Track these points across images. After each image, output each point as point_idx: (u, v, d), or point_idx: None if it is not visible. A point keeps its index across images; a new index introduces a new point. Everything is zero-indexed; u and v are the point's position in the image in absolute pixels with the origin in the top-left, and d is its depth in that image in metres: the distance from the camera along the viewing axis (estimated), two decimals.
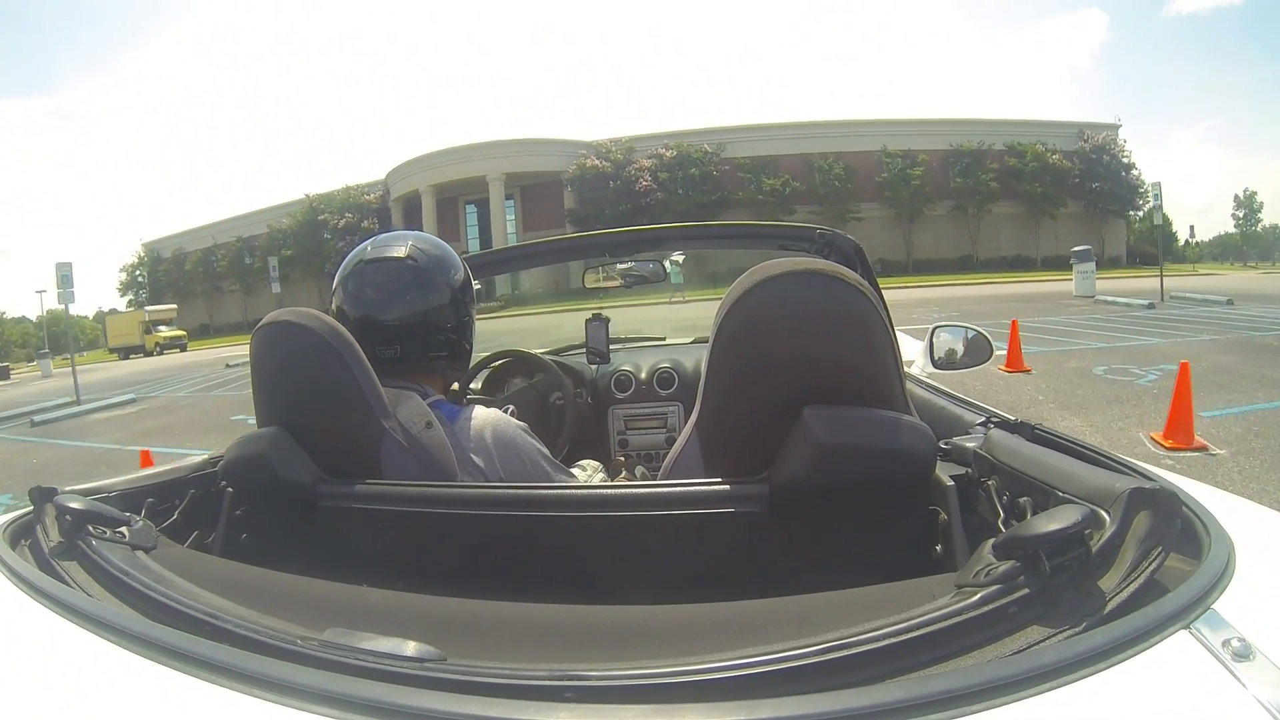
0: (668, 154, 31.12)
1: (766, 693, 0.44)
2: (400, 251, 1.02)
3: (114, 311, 41.72)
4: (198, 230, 39.68)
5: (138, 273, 41.38)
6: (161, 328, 32.91)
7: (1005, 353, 7.04)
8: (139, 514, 0.87)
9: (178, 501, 1.00)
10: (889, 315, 0.79)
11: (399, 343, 1.00)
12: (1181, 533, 0.58)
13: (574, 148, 32.70)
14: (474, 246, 31.52)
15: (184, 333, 33.26)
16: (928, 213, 31.19)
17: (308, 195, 34.95)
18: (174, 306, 37.18)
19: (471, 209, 34.30)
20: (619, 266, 1.97)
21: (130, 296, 41.30)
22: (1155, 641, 0.45)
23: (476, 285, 1.15)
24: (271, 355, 0.96)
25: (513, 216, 33.44)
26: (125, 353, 31.78)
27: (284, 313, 0.94)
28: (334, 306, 1.02)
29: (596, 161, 31.33)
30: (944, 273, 29.06)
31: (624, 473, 1.79)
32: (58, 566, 0.70)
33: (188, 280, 38.85)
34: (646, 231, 1.91)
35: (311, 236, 33.16)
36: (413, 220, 32.43)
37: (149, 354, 30.48)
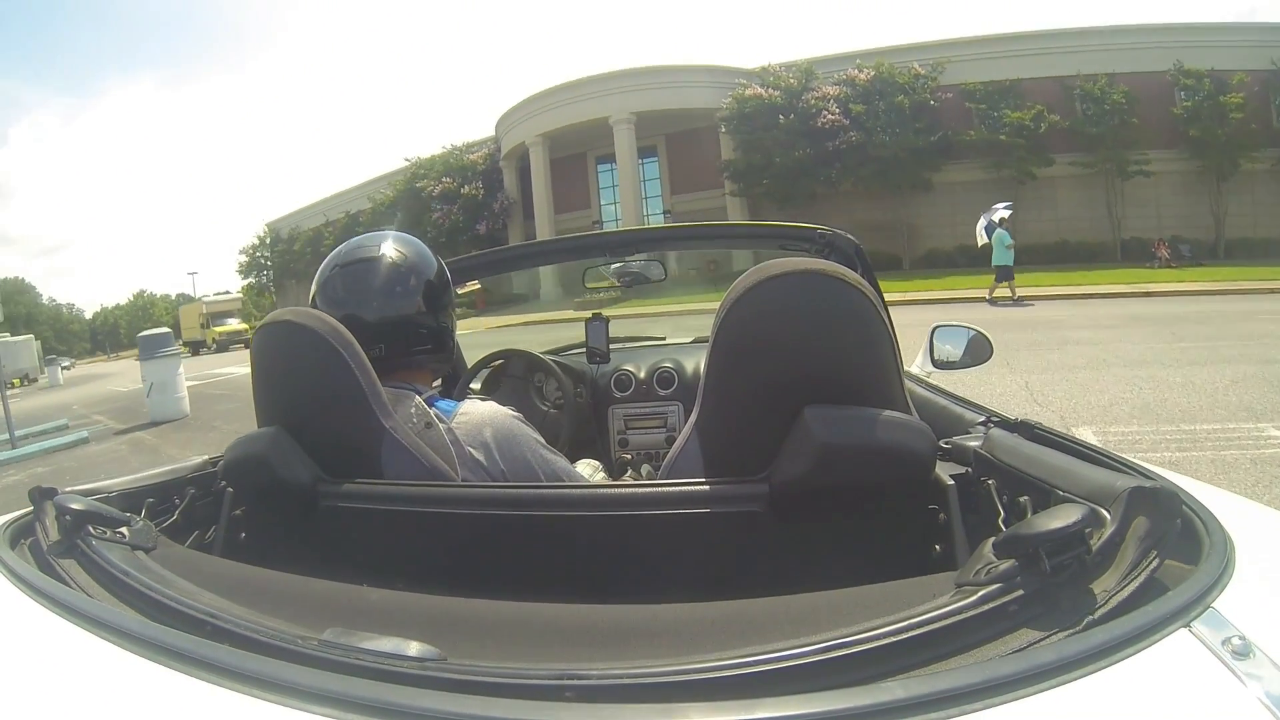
0: (861, 77, 19.69)
1: (766, 693, 0.44)
2: (373, 252, 1.04)
3: (187, 299, 39.62)
4: (312, 207, 34.80)
5: (259, 254, 37.29)
6: (230, 320, 29.77)
7: None
8: (139, 514, 0.88)
9: (178, 501, 1.01)
10: (889, 315, 0.79)
11: (382, 342, 1.00)
12: (1182, 532, 0.58)
13: (728, 76, 21.64)
14: (608, 214, 24.35)
15: (247, 327, 29.27)
16: (1247, 165, 18.09)
17: (409, 161, 27.93)
18: (239, 296, 34.70)
19: (606, 168, 24.61)
20: (614, 266, 1.96)
21: (251, 280, 37.72)
22: (1155, 640, 0.45)
23: (475, 284, 1.30)
24: (273, 355, 0.97)
25: (656, 176, 24.01)
26: (195, 347, 28.98)
27: (285, 312, 0.95)
28: None
29: (760, 90, 20.21)
30: (1273, 259, 15.52)
31: (629, 471, 1.80)
32: (57, 566, 0.71)
33: (297, 261, 33.71)
34: (646, 231, 1.99)
35: (411, 207, 26.40)
36: (526, 183, 25.01)
37: (209, 350, 28.10)
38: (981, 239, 12.27)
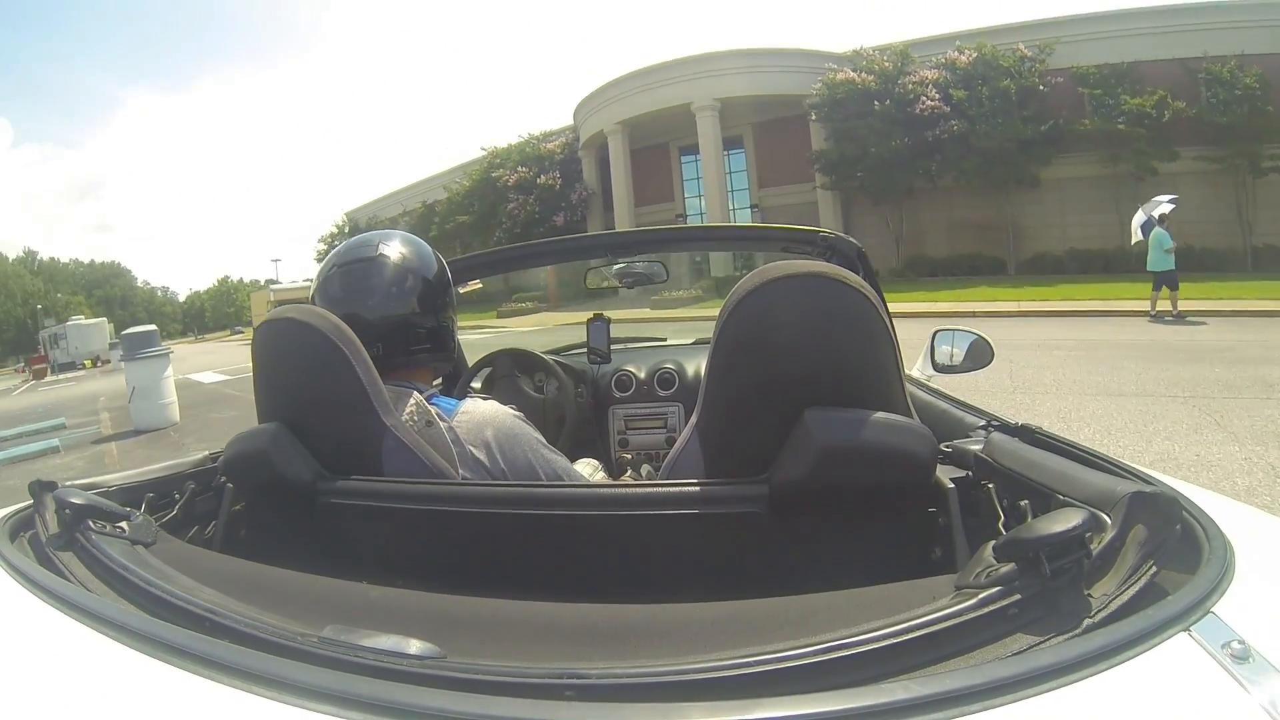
0: (962, 59, 17.85)
1: (766, 693, 0.44)
2: (373, 252, 1.04)
3: (259, 285, 39.16)
4: (390, 197, 34.28)
5: (337, 242, 35.52)
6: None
7: None
8: (139, 509, 0.87)
9: (178, 496, 1.01)
10: (890, 318, 0.79)
11: (381, 341, 1.00)
12: (1181, 537, 0.58)
13: (818, 60, 19.93)
14: (693, 207, 23.08)
15: None
16: None
17: (485, 150, 26.87)
18: (308, 284, 34.59)
19: (689, 160, 23.06)
20: (615, 267, 1.96)
21: None
22: (1155, 644, 0.45)
23: (477, 284, 1.34)
24: (274, 351, 0.97)
25: (742, 168, 22.37)
26: None
27: (287, 309, 0.95)
28: None
29: (853, 75, 18.51)
30: None
31: (629, 471, 1.79)
32: (57, 560, 0.71)
33: None
34: (648, 233, 1.90)
35: (486, 197, 25.61)
36: (605, 174, 23.81)
37: None
38: (1135, 237, 10.20)
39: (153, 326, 8.80)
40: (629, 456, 1.95)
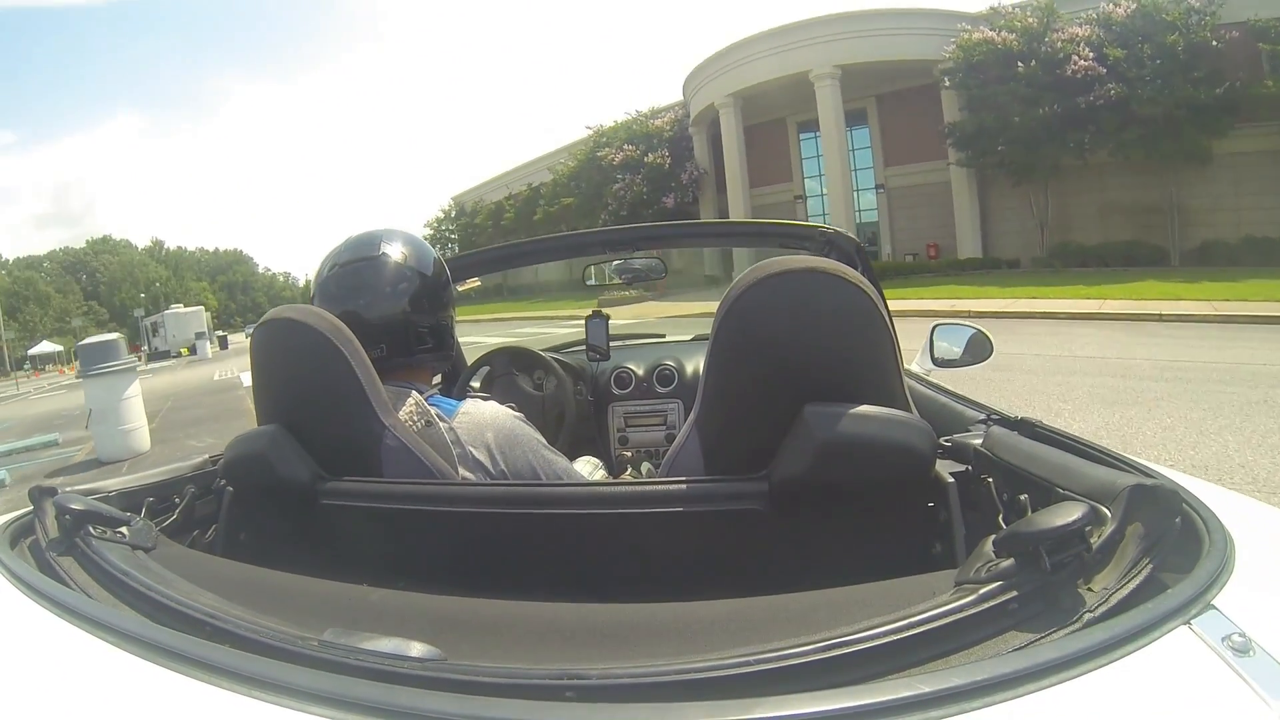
0: (1118, 12, 15.06)
1: (766, 692, 0.44)
2: (371, 251, 1.03)
3: None
4: (495, 180, 33.14)
5: (443, 227, 35.90)
6: None
7: None
8: (138, 513, 0.87)
9: (177, 501, 1.00)
10: (889, 313, 0.79)
11: (384, 341, 1.00)
12: (1182, 530, 0.58)
13: (948, 20, 17.47)
14: (812, 188, 21.53)
15: None
16: None
17: (591, 129, 25.32)
18: None
19: (808, 137, 21.03)
20: (614, 264, 1.98)
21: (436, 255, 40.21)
22: (1155, 638, 0.45)
23: (475, 282, 1.35)
24: (273, 352, 0.96)
25: (866, 145, 20.37)
26: None
27: (286, 309, 0.94)
28: None
29: (991, 34, 16.13)
30: None
31: (629, 469, 1.79)
32: (57, 566, 0.71)
33: (478, 234, 31.69)
34: (646, 229, 1.89)
35: (592, 178, 24.27)
36: (718, 153, 22.04)
37: None
38: None
39: (115, 336, 6.78)
40: (629, 454, 1.95)
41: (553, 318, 16.60)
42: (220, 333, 34.25)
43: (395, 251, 1.03)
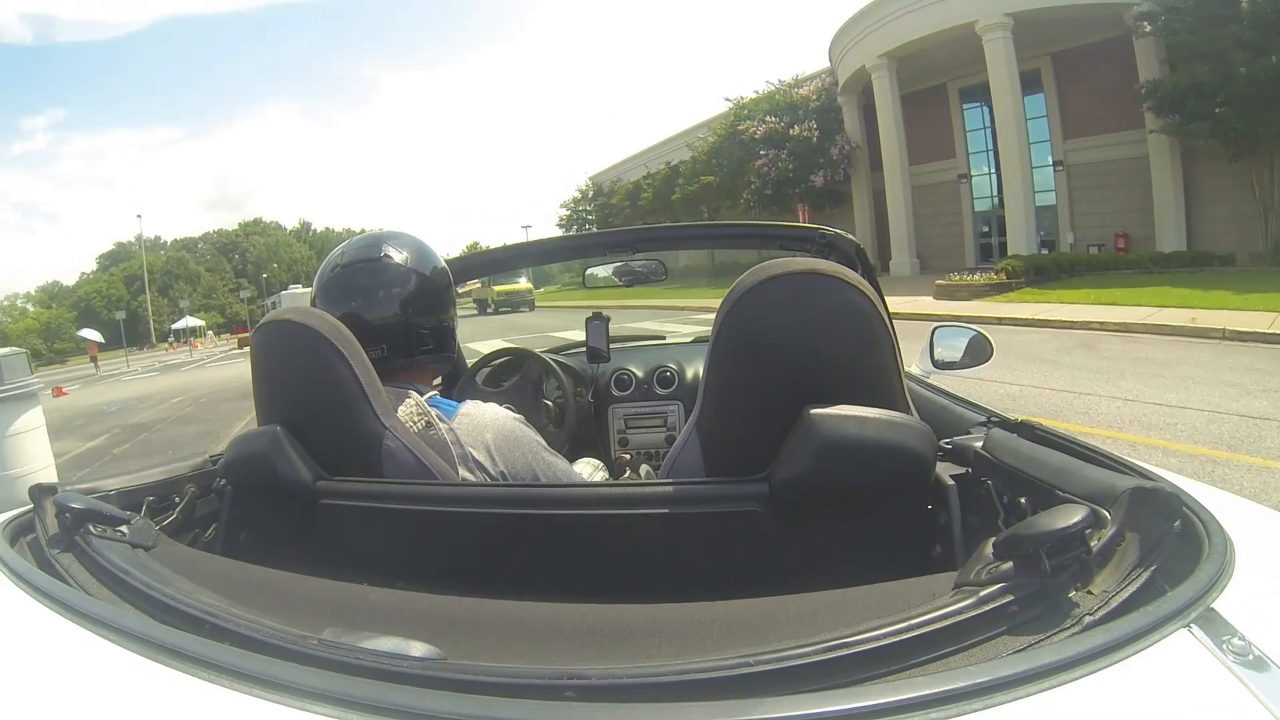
0: None
1: (766, 693, 0.44)
2: (370, 254, 1.04)
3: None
4: (634, 159, 31.23)
5: (580, 207, 34.17)
6: (519, 279, 24.59)
7: None
8: (139, 512, 0.88)
9: (177, 500, 1.00)
10: (889, 315, 0.79)
11: (384, 343, 1.00)
12: (1182, 533, 0.58)
13: None
14: (978, 164, 18.37)
15: (528, 287, 25.61)
16: None
17: (730, 102, 22.99)
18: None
19: (973, 107, 18.02)
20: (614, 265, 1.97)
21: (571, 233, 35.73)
22: (1155, 641, 0.45)
23: (476, 283, 1.37)
24: (273, 353, 0.97)
25: (1040, 114, 16.59)
26: (481, 307, 25.48)
27: (286, 311, 0.94)
28: None
29: None
30: None
31: (628, 472, 1.79)
32: (57, 564, 0.71)
33: (615, 214, 29.79)
34: (645, 230, 1.89)
35: (732, 154, 21.92)
36: (871, 124, 18.96)
37: (491, 311, 24.38)
38: None
39: (19, 350, 4.61)
40: (629, 455, 1.96)
41: (682, 309, 15.14)
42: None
43: (396, 254, 1.04)
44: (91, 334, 25.74)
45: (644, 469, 1.82)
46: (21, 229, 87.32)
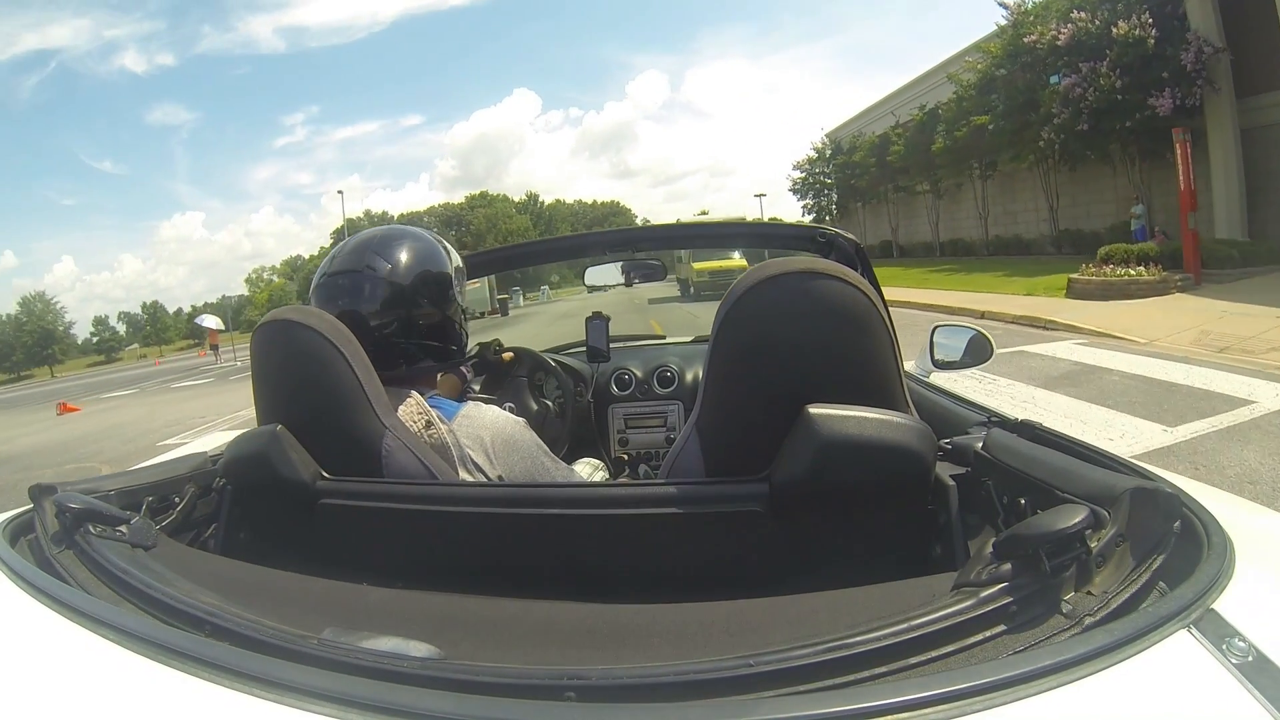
0: None
1: (766, 692, 0.44)
2: (356, 264, 1.03)
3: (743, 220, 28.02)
4: (877, 108, 25.14)
5: (816, 169, 29.08)
6: (734, 255, 17.61)
7: None
8: (138, 512, 0.87)
9: (177, 499, 1.00)
10: (889, 315, 0.79)
11: (381, 346, 0.99)
12: (1182, 533, 0.58)
13: None
14: None
15: (740, 264, 18.56)
16: None
17: (1007, 7, 15.32)
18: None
19: None
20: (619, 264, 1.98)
21: (806, 201, 29.07)
22: (1155, 641, 0.45)
23: (477, 283, 1.17)
24: (272, 353, 0.97)
25: None
26: (684, 289, 18.82)
27: (286, 311, 0.95)
28: None
29: None
30: None
31: (626, 471, 1.80)
32: (57, 564, 0.71)
33: (858, 175, 24.60)
34: (646, 230, 1.96)
35: (1016, 81, 14.62)
36: (1236, 12, 10.81)
37: (691, 295, 17.02)
38: None
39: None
40: (629, 456, 1.96)
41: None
42: (503, 295, 26.28)
43: (381, 264, 1.02)
44: (210, 320, 23.41)
45: (641, 469, 1.82)
46: (285, 210, 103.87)
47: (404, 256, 1.03)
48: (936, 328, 1.83)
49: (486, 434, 0.97)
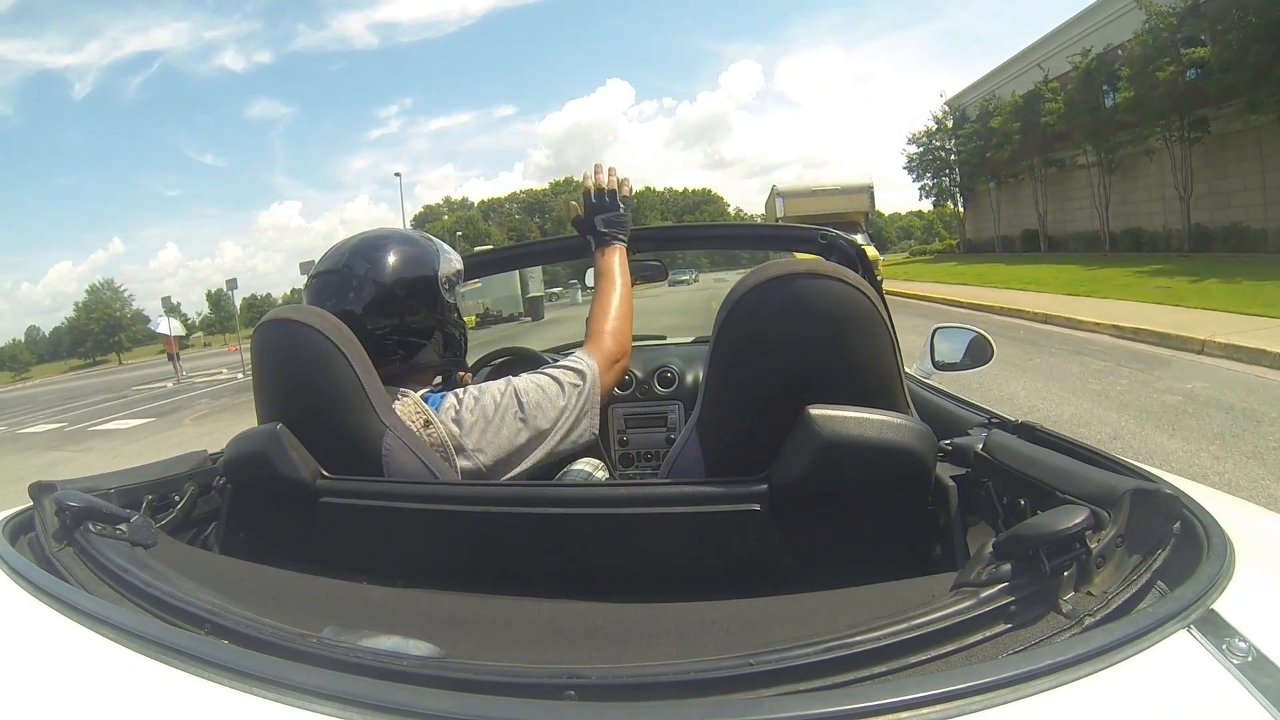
0: None
1: (766, 692, 0.44)
2: (337, 265, 1.04)
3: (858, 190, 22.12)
4: (1015, 63, 21.32)
5: (935, 142, 25.31)
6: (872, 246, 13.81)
7: None
8: (138, 510, 0.87)
9: (177, 498, 1.00)
10: (890, 316, 0.80)
11: (379, 346, 1.00)
12: (1181, 534, 0.58)
13: None
14: None
15: (876, 256, 14.56)
16: None
17: None
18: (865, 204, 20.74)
19: None
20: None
21: (925, 182, 25.81)
22: (1155, 641, 0.45)
23: (476, 283, 1.29)
24: (272, 352, 0.97)
25: None
26: None
27: (286, 309, 0.95)
28: None
29: None
30: None
31: (628, 471, 1.81)
32: (57, 562, 0.71)
33: (995, 147, 20.84)
34: (646, 231, 1.85)
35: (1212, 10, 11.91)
36: None
37: None
38: None
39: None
40: (630, 456, 1.96)
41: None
42: (536, 294, 24.31)
43: (361, 265, 1.03)
44: (167, 325, 18.07)
45: (634, 470, 1.80)
46: (380, 198, 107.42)
47: (385, 258, 1.05)
48: (937, 329, 1.83)
49: (451, 415, 0.98)
